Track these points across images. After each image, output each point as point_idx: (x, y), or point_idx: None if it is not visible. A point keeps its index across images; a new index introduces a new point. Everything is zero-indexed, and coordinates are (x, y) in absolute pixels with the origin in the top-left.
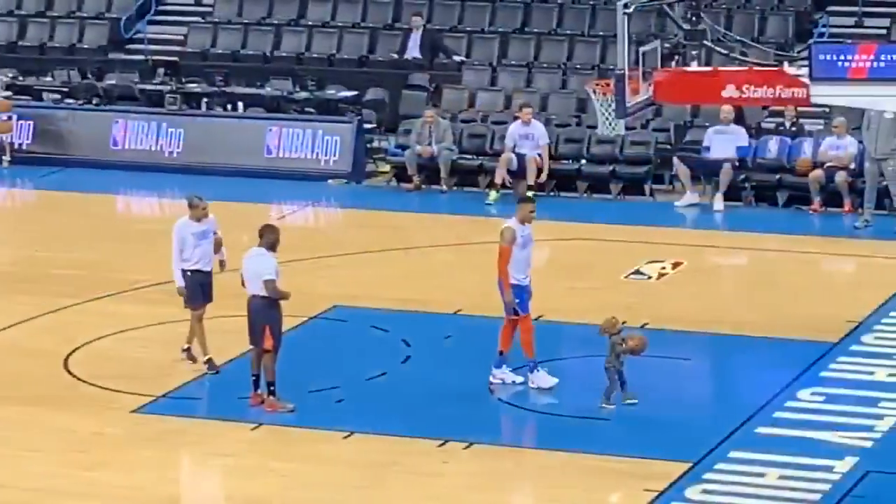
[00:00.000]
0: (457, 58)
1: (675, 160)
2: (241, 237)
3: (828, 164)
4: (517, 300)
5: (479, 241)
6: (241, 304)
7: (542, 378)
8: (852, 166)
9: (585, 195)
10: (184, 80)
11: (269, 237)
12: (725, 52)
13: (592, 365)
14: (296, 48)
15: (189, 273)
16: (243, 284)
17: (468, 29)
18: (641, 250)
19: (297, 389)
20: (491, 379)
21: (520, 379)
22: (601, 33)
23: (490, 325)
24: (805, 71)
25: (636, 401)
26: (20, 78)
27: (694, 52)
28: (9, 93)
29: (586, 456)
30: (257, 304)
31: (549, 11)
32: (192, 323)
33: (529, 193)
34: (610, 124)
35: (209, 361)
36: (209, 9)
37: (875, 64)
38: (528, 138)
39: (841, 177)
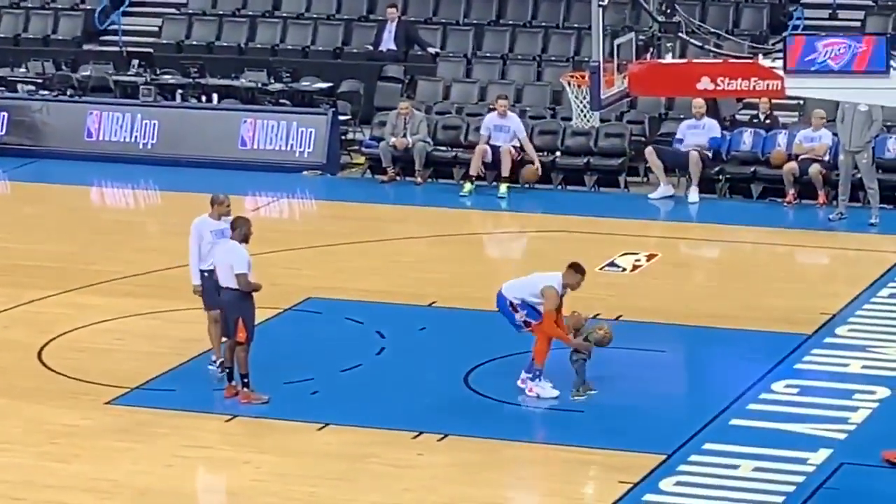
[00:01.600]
0: (431, 50)
1: (648, 152)
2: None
3: (802, 157)
4: (525, 311)
5: (454, 234)
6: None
7: (545, 389)
8: (827, 158)
9: (560, 187)
10: (158, 71)
11: (242, 229)
12: (700, 44)
13: (564, 357)
14: (270, 40)
15: (206, 274)
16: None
17: (443, 21)
18: (616, 242)
19: (272, 381)
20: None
21: (556, 393)
22: (576, 25)
23: (464, 317)
24: (780, 63)
25: (595, 391)
26: None
27: (668, 45)
28: None
29: (561, 448)
30: (230, 297)
31: (524, 3)
32: (208, 327)
33: (504, 186)
34: (584, 116)
35: (221, 364)
36: (184, 0)
37: (847, 56)
38: (504, 130)
39: (815, 169)
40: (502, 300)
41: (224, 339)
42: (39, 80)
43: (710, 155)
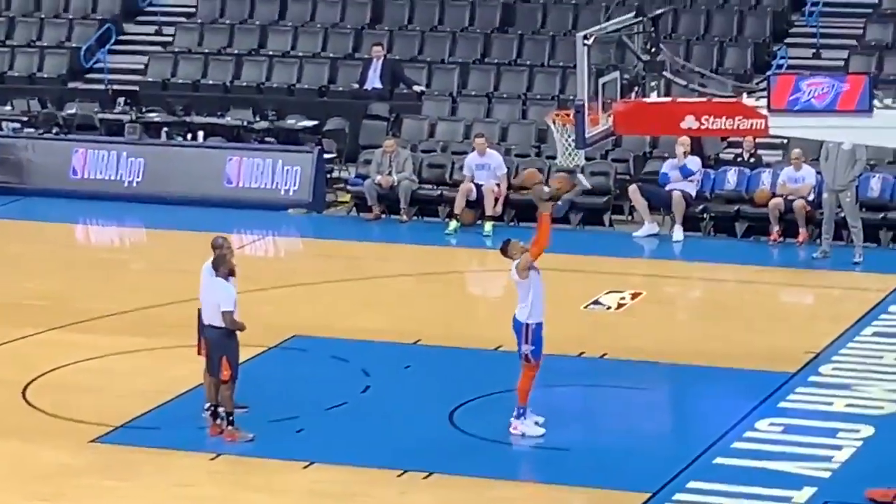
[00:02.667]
0: (417, 88)
1: (632, 191)
2: (201, 266)
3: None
4: (533, 347)
5: (439, 272)
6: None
7: (530, 427)
8: (811, 197)
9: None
10: (144, 109)
11: (225, 267)
12: (684, 83)
13: (549, 395)
14: (256, 78)
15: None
16: (199, 315)
17: (428, 59)
18: (601, 280)
19: (257, 419)
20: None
21: (541, 431)
22: (560, 64)
23: (449, 355)
24: (763, 102)
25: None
26: None
27: (653, 84)
28: None
29: (545, 486)
30: (214, 335)
31: (509, 42)
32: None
33: (488, 224)
34: (569, 155)
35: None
36: (169, 38)
37: (830, 95)
38: (485, 168)
39: (799, 205)
40: (518, 325)
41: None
42: (25, 118)
43: (693, 193)
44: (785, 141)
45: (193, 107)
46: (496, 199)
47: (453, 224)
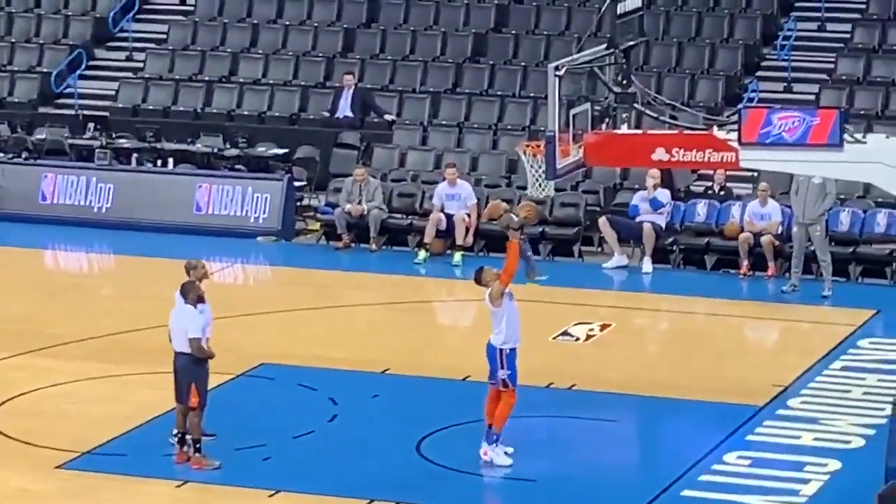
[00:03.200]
0: (388, 117)
1: (601, 223)
2: (171, 293)
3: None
4: (509, 371)
5: (408, 301)
6: (167, 360)
7: (500, 456)
8: (780, 231)
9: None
10: (114, 135)
11: (193, 293)
12: (655, 115)
13: (518, 426)
14: (227, 105)
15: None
16: (171, 341)
17: (399, 88)
18: (570, 312)
19: (224, 447)
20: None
21: (509, 461)
22: (532, 95)
23: (417, 385)
24: (734, 135)
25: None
26: None
27: (624, 115)
28: None
29: None
30: (183, 362)
31: (481, 72)
32: None
33: (458, 254)
34: (540, 185)
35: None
36: (140, 64)
37: (801, 129)
38: (455, 198)
39: (767, 239)
40: (492, 350)
41: (176, 405)
42: None
43: (662, 225)
44: (755, 174)
45: (164, 133)
46: (466, 229)
47: (423, 254)
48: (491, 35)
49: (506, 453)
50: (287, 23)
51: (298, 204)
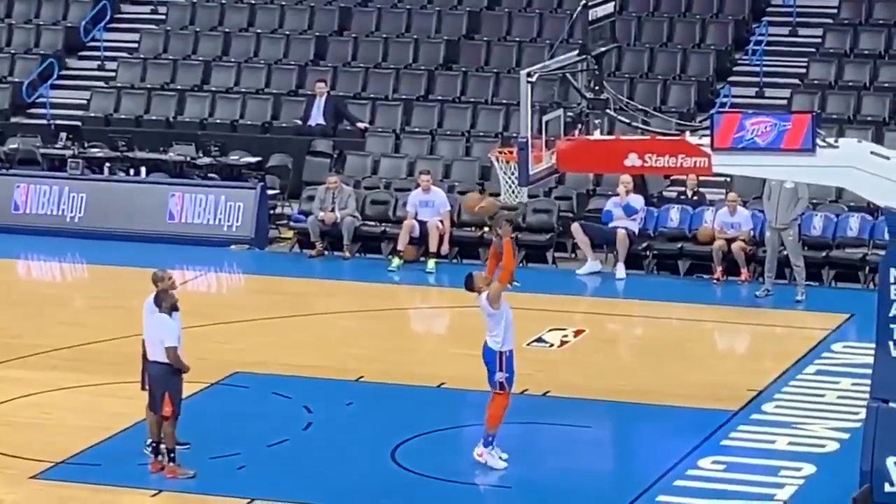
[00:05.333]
0: (360, 124)
1: (574, 229)
2: (143, 303)
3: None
4: (507, 374)
5: (382, 308)
6: (139, 370)
7: (494, 459)
8: (752, 234)
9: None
10: (86, 144)
11: (168, 301)
12: (628, 121)
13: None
14: (199, 114)
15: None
16: (144, 350)
17: (372, 96)
18: (543, 318)
19: (198, 456)
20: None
21: (503, 465)
22: (504, 101)
23: (391, 392)
24: (707, 140)
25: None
26: None
27: (597, 121)
28: None
29: None
30: (157, 370)
31: (453, 79)
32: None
33: (431, 261)
34: (513, 192)
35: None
36: (112, 73)
37: (773, 134)
38: (429, 205)
39: (738, 245)
40: (491, 353)
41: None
42: None
43: (636, 231)
44: (728, 179)
45: (136, 142)
46: (440, 237)
47: (396, 261)
48: (463, 42)
49: (501, 458)
50: (259, 31)
51: (271, 212)
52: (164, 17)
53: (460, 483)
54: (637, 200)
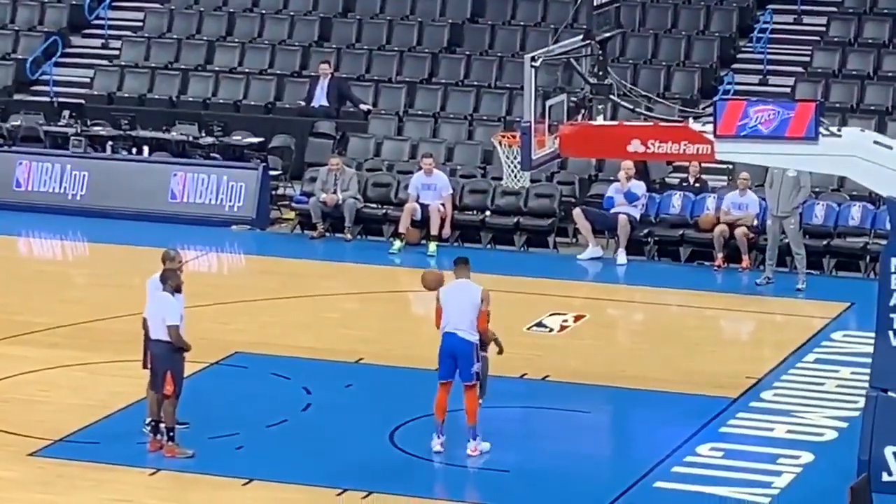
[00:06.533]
0: (364, 106)
1: (576, 214)
2: (144, 282)
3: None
4: (480, 364)
5: (383, 290)
6: (139, 348)
7: (483, 444)
8: (755, 223)
9: (489, 246)
10: (89, 122)
11: (173, 281)
12: (631, 107)
13: (491, 416)
14: (202, 93)
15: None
16: (145, 328)
17: (375, 78)
18: (544, 302)
19: (197, 435)
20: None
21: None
22: (508, 85)
23: (391, 374)
24: (710, 127)
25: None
26: None
27: (600, 107)
28: None
29: None
30: (159, 349)
31: (457, 62)
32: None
33: (433, 244)
34: (515, 176)
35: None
36: (116, 52)
37: (776, 122)
38: (431, 188)
39: (741, 232)
40: (470, 346)
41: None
42: None
43: (637, 217)
44: (730, 166)
45: (139, 121)
46: (442, 220)
47: (398, 243)
48: (467, 25)
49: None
50: (263, 11)
51: (273, 193)
52: None
53: (458, 466)
54: (639, 187)
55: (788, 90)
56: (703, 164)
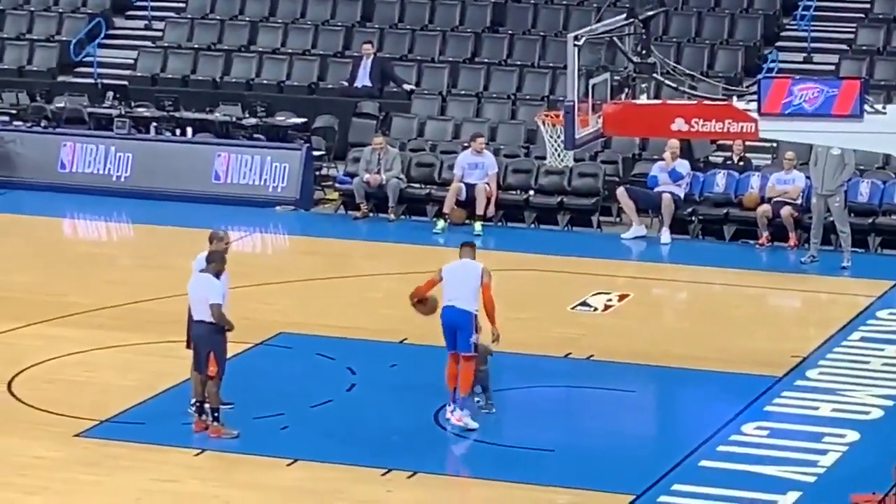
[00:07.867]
0: (407, 86)
1: (620, 193)
2: (188, 263)
3: (775, 199)
4: (477, 335)
5: (426, 270)
6: (183, 329)
7: (469, 419)
8: (799, 201)
9: (533, 226)
10: (133, 104)
11: (219, 262)
12: (675, 85)
13: (535, 396)
14: (245, 74)
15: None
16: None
17: (418, 58)
18: (588, 282)
19: (242, 416)
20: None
21: (476, 425)
22: (551, 64)
23: (435, 354)
24: (754, 105)
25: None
26: None
27: (643, 85)
28: None
29: (529, 486)
30: (202, 330)
31: (500, 42)
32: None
33: (478, 224)
34: (559, 156)
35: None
36: (159, 33)
37: (821, 100)
38: (478, 167)
39: (787, 211)
40: (468, 315)
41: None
42: (14, 112)
43: (681, 196)
44: (774, 144)
45: (182, 102)
46: (487, 200)
47: (441, 223)
48: (510, 4)
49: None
50: None
51: (317, 173)
52: None
53: (502, 446)
54: (683, 165)
55: (833, 68)
56: (747, 143)
